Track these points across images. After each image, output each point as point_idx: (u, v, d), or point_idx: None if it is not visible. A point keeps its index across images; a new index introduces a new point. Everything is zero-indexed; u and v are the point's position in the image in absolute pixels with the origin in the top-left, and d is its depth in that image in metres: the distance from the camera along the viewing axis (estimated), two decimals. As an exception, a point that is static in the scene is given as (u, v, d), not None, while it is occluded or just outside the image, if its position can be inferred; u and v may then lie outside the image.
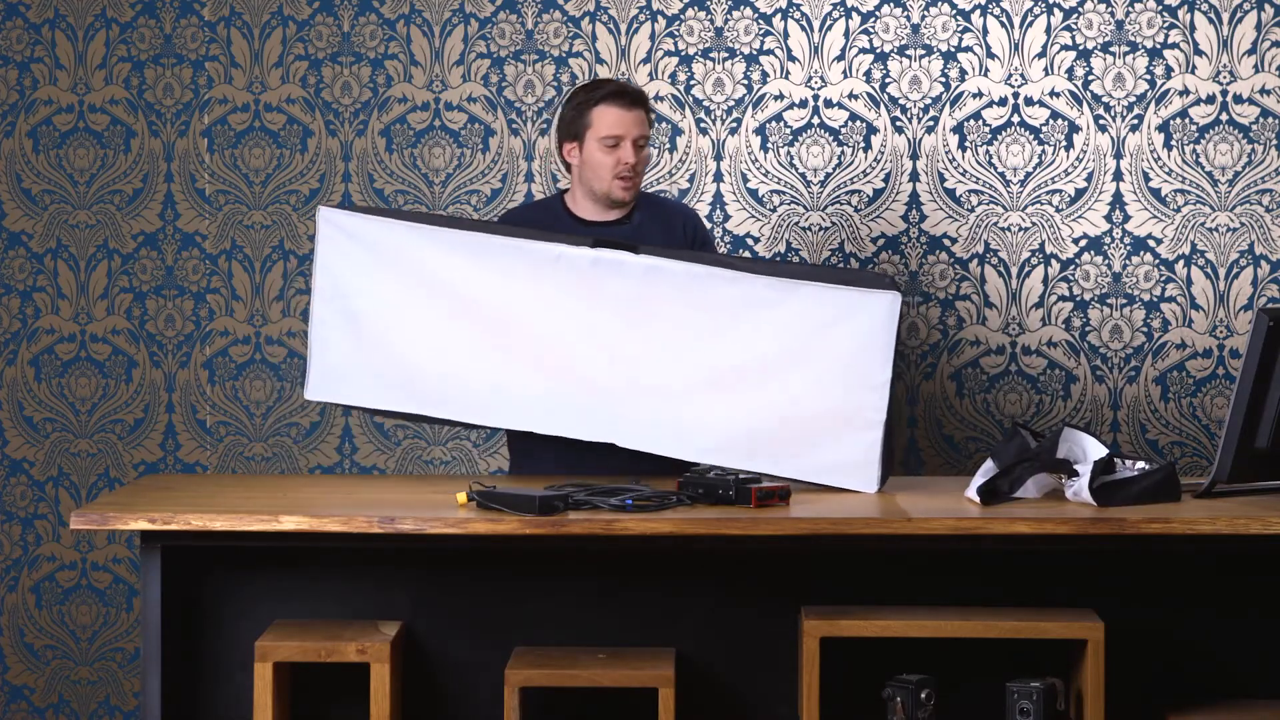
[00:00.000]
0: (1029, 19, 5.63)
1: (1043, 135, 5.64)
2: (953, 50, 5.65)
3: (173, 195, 5.75)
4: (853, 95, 5.66)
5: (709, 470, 4.34)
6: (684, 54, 5.68)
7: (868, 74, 5.65)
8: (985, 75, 5.65)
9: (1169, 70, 5.62)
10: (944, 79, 5.65)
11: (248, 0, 5.72)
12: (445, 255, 4.64)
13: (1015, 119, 5.65)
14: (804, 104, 5.68)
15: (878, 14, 5.65)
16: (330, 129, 5.73)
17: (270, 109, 5.73)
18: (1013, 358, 5.69)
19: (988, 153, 5.65)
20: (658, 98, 5.67)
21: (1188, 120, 5.62)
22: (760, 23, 5.67)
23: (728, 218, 5.68)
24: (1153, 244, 5.65)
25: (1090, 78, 5.63)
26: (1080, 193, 5.65)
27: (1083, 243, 5.65)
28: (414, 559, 4.42)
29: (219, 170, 5.74)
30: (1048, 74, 5.64)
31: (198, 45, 5.73)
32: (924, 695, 4.19)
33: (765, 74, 5.67)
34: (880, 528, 4.13)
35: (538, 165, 5.69)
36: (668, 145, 5.68)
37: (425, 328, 4.65)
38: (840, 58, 5.66)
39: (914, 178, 5.67)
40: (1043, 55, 5.64)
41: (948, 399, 5.70)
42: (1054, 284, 5.66)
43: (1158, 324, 5.65)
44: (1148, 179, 5.64)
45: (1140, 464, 4.34)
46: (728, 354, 4.55)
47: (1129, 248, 5.65)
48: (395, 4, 5.71)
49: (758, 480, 4.28)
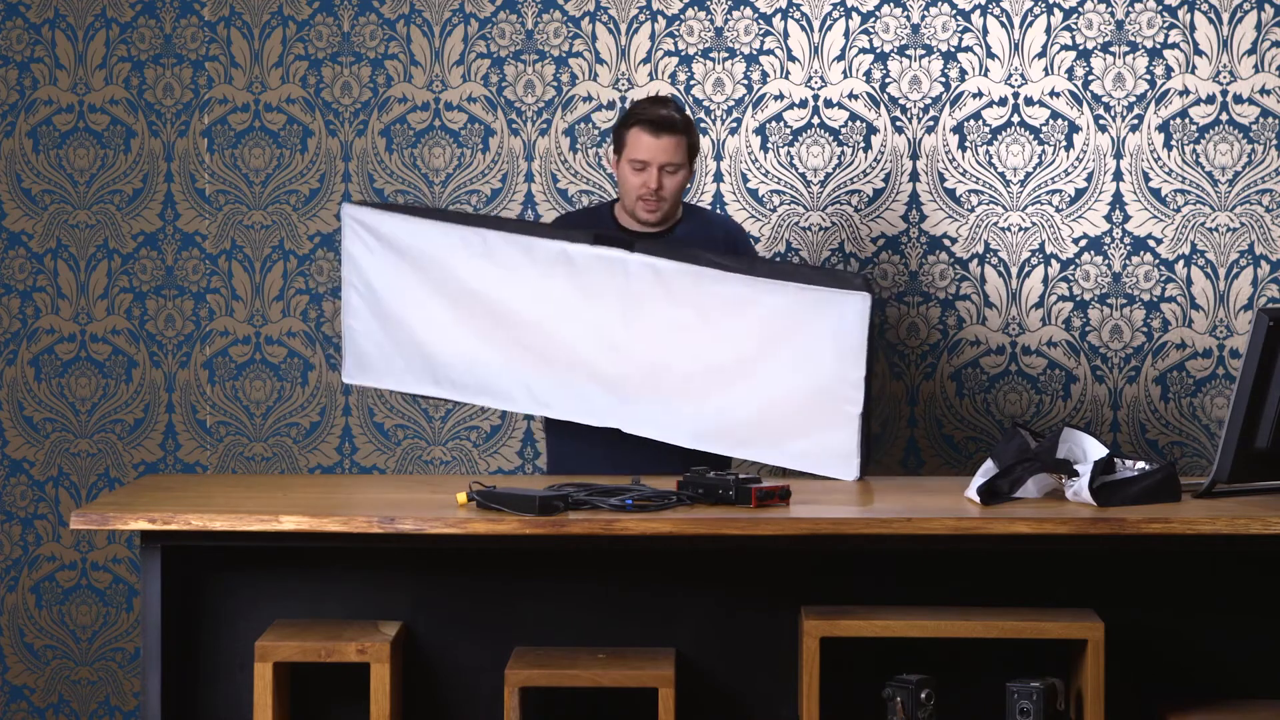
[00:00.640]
0: (1029, 19, 5.63)
1: (1043, 135, 5.64)
2: (953, 50, 5.65)
3: (173, 195, 5.75)
4: (853, 95, 5.67)
5: (709, 470, 4.34)
6: (684, 54, 5.68)
7: (868, 74, 5.65)
8: (985, 75, 5.65)
9: (1169, 70, 5.62)
10: (944, 79, 5.65)
11: (248, 0, 5.72)
12: (457, 251, 4.87)
13: (1015, 119, 5.65)
14: (804, 104, 5.68)
15: (878, 14, 5.65)
16: (330, 129, 5.73)
17: (270, 109, 5.73)
18: (1013, 358, 5.69)
19: (988, 153, 5.65)
20: (658, 98, 5.67)
21: (1188, 120, 5.63)
22: (760, 23, 5.67)
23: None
24: (1153, 244, 5.65)
25: (1090, 78, 5.63)
26: (1080, 193, 5.65)
27: (1083, 243, 5.65)
28: (414, 559, 4.42)
29: (219, 170, 5.74)
30: (1048, 74, 5.64)
31: (198, 45, 5.73)
32: (924, 695, 4.19)
33: (765, 74, 5.67)
34: (880, 528, 4.13)
35: (538, 165, 5.69)
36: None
37: (442, 318, 4.89)
38: (840, 58, 5.66)
39: (914, 178, 5.67)
40: (1043, 55, 5.64)
41: (948, 399, 5.70)
42: (1054, 284, 5.66)
43: (1158, 324, 5.65)
44: (1148, 179, 5.64)
45: (1140, 464, 4.34)
46: (715, 348, 4.75)
47: (1129, 248, 5.65)
48: (395, 4, 5.71)
49: (758, 480, 4.28)
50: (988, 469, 4.35)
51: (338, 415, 5.74)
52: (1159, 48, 5.62)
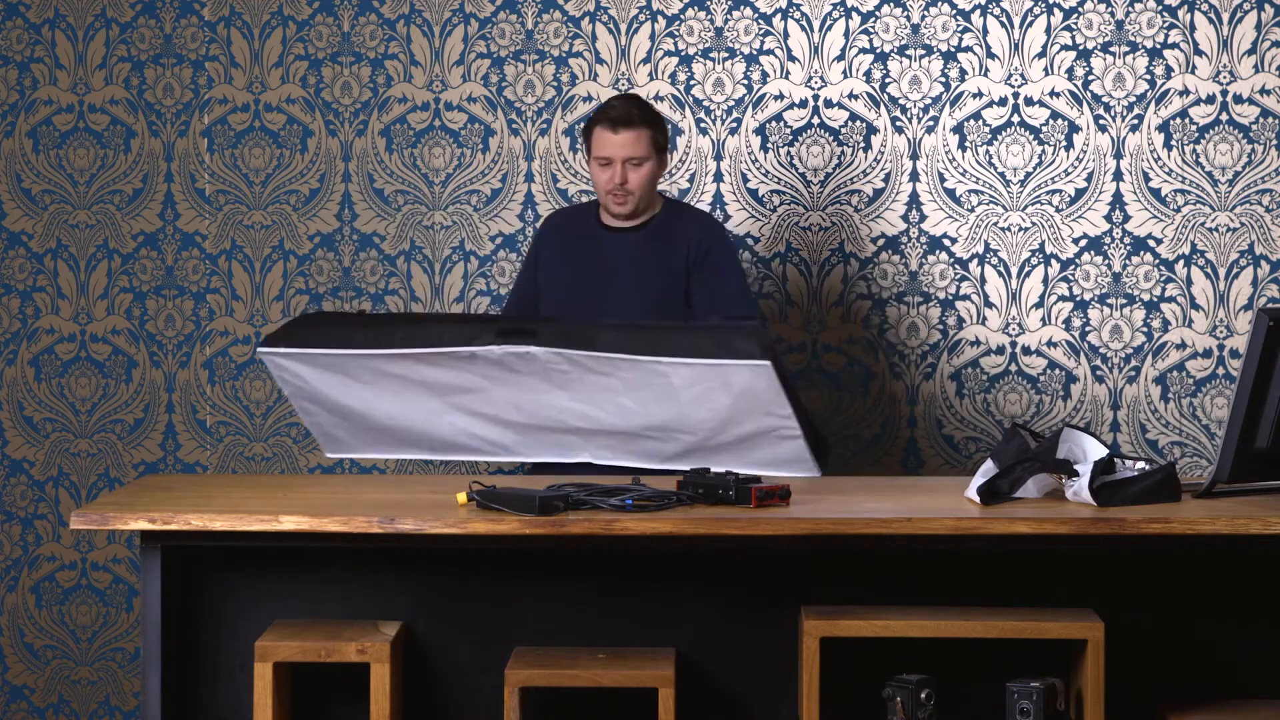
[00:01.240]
0: (1029, 19, 5.63)
1: (1043, 135, 5.64)
2: (953, 50, 5.65)
3: (173, 195, 5.75)
4: (853, 95, 5.67)
5: (709, 470, 4.35)
6: (684, 54, 5.68)
7: (868, 74, 5.65)
8: (985, 75, 5.65)
9: (1169, 70, 5.62)
10: (944, 79, 5.65)
11: (248, 0, 5.72)
12: (375, 374, 4.78)
13: (1015, 119, 5.65)
14: (804, 104, 5.68)
15: (878, 14, 5.65)
16: (330, 129, 5.73)
17: (270, 109, 5.73)
18: (1013, 358, 5.69)
19: (988, 153, 5.65)
20: (657, 98, 5.67)
21: (1188, 120, 5.63)
22: (760, 23, 5.67)
23: (728, 218, 5.68)
24: (1153, 244, 5.65)
25: (1090, 78, 5.63)
26: (1080, 193, 5.65)
27: (1083, 243, 5.66)
28: (414, 559, 4.42)
29: (219, 170, 5.74)
30: (1048, 74, 5.64)
31: (198, 45, 5.73)
32: (924, 695, 4.18)
33: (765, 74, 5.67)
34: (880, 528, 4.13)
35: (538, 165, 5.69)
36: (668, 145, 5.68)
37: (388, 408, 4.83)
38: (840, 58, 5.66)
39: (914, 178, 5.67)
40: (1043, 55, 5.64)
41: (948, 399, 5.70)
42: (1054, 284, 5.66)
43: (1158, 324, 5.65)
44: (1148, 179, 5.64)
45: (1140, 464, 4.34)
46: (645, 410, 4.73)
47: (1129, 248, 5.65)
48: (395, 4, 5.71)
49: (758, 480, 4.28)
50: (988, 469, 4.35)
51: (338, 415, 5.74)
52: (1159, 48, 5.62)
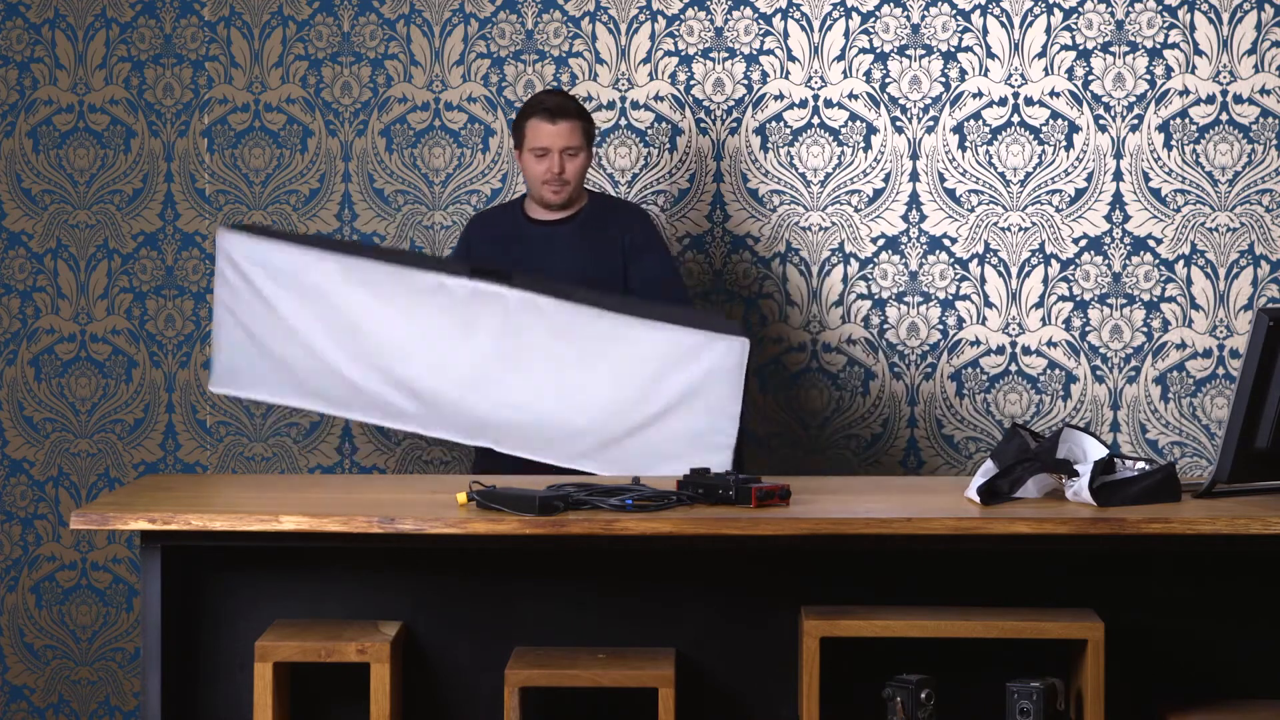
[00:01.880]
0: (1029, 19, 5.63)
1: (1043, 135, 5.64)
2: (953, 50, 5.65)
3: (173, 195, 5.75)
4: (853, 95, 5.67)
5: (709, 470, 4.35)
6: (684, 54, 5.68)
7: (868, 74, 5.65)
8: (985, 75, 5.65)
9: (1169, 70, 5.62)
10: (944, 79, 5.65)
11: (248, 0, 5.72)
12: (333, 276, 4.96)
13: (1015, 119, 5.65)
14: (804, 104, 5.68)
15: (878, 14, 5.65)
16: (330, 129, 5.73)
17: (270, 109, 5.73)
18: (1013, 358, 5.69)
19: (988, 153, 5.65)
20: (658, 98, 5.67)
21: (1188, 120, 5.63)
22: (760, 23, 5.67)
23: (728, 218, 5.68)
24: (1153, 244, 5.65)
25: (1090, 78, 5.63)
26: (1080, 193, 5.65)
27: (1083, 243, 5.66)
28: (414, 559, 4.42)
29: (219, 170, 5.74)
30: (1048, 74, 5.64)
31: (198, 45, 5.73)
32: (924, 695, 4.18)
33: (765, 74, 5.67)
34: (880, 528, 4.13)
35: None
36: (668, 145, 5.68)
37: (313, 341, 4.97)
38: (840, 58, 5.66)
39: (914, 178, 5.67)
40: (1043, 55, 5.64)
41: (948, 399, 5.70)
42: (1054, 284, 5.66)
43: (1158, 324, 5.65)
44: (1148, 179, 5.64)
45: (1140, 464, 4.33)
46: (593, 382, 4.89)
47: (1129, 248, 5.65)
48: (395, 4, 5.71)
49: (758, 480, 4.28)
50: (988, 469, 4.35)
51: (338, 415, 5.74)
52: (1159, 48, 5.62)
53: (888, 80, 5.65)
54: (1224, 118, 5.62)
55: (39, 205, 5.77)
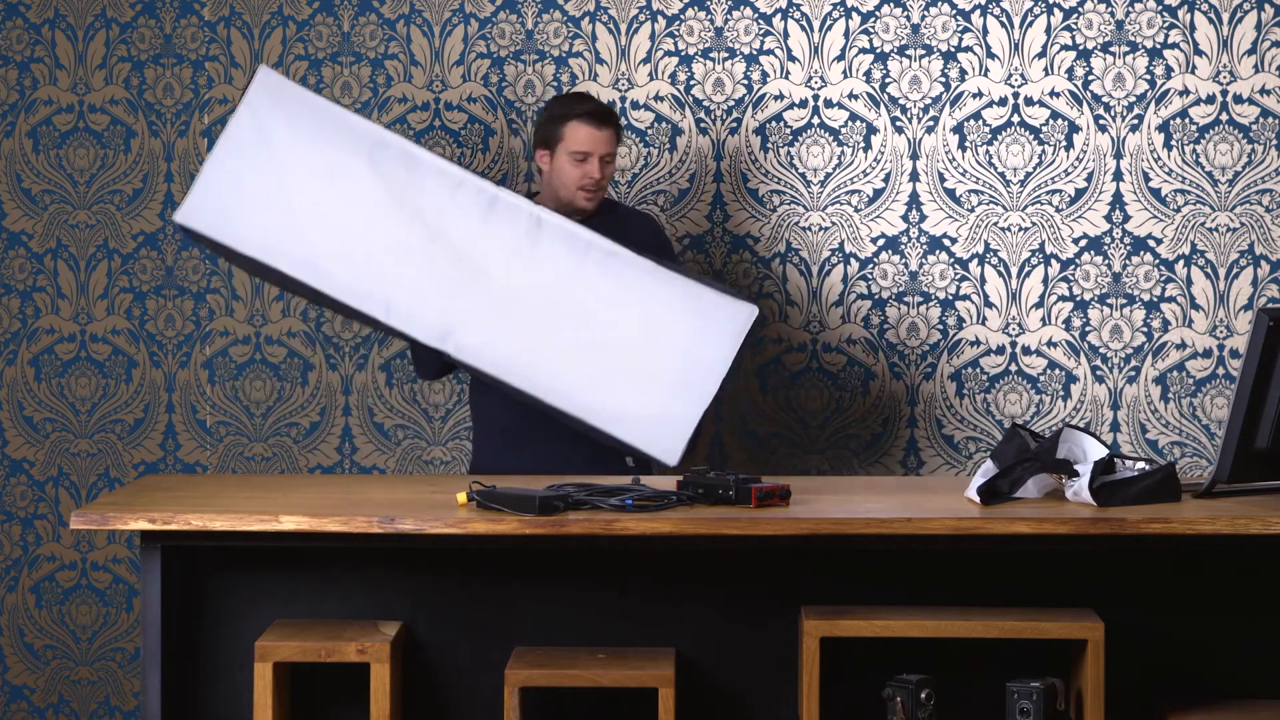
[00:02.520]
0: (1029, 19, 5.63)
1: (1043, 135, 5.64)
2: (953, 50, 5.65)
3: (173, 195, 5.75)
4: (853, 95, 5.67)
5: (709, 470, 4.35)
6: (684, 54, 5.68)
7: (868, 74, 5.65)
8: (985, 75, 5.65)
9: (1169, 70, 5.62)
10: (944, 79, 5.65)
11: (248, 0, 5.72)
12: (361, 148, 4.92)
13: (1015, 119, 5.65)
14: (804, 104, 5.68)
15: (878, 14, 5.65)
16: (330, 129, 5.72)
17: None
18: (1013, 358, 5.69)
19: (988, 153, 5.65)
20: (658, 98, 5.67)
21: (1188, 120, 5.63)
22: (760, 23, 5.67)
23: (728, 218, 5.68)
24: (1153, 244, 5.65)
25: (1090, 78, 5.63)
26: (1080, 193, 5.65)
27: (1083, 243, 5.66)
28: (414, 559, 4.42)
29: (219, 170, 5.74)
30: (1048, 74, 5.64)
31: (198, 45, 5.73)
32: (924, 695, 4.19)
33: (765, 74, 5.67)
34: (880, 528, 4.13)
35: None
36: (668, 145, 5.68)
37: (318, 201, 4.91)
38: (840, 58, 5.66)
39: (914, 178, 5.67)
40: (1043, 55, 5.64)
41: (948, 399, 5.70)
42: (1054, 284, 5.66)
43: (1158, 324, 5.65)
44: (1148, 179, 5.64)
45: (1140, 464, 4.34)
46: (588, 306, 4.88)
47: (1129, 248, 5.65)
48: (395, 4, 5.71)
49: (758, 480, 4.28)
50: (988, 469, 4.35)
51: (338, 415, 5.74)
52: (1159, 48, 5.62)
53: (888, 80, 5.65)
54: (1224, 118, 5.62)
55: (39, 205, 5.77)
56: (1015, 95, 5.65)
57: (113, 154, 5.75)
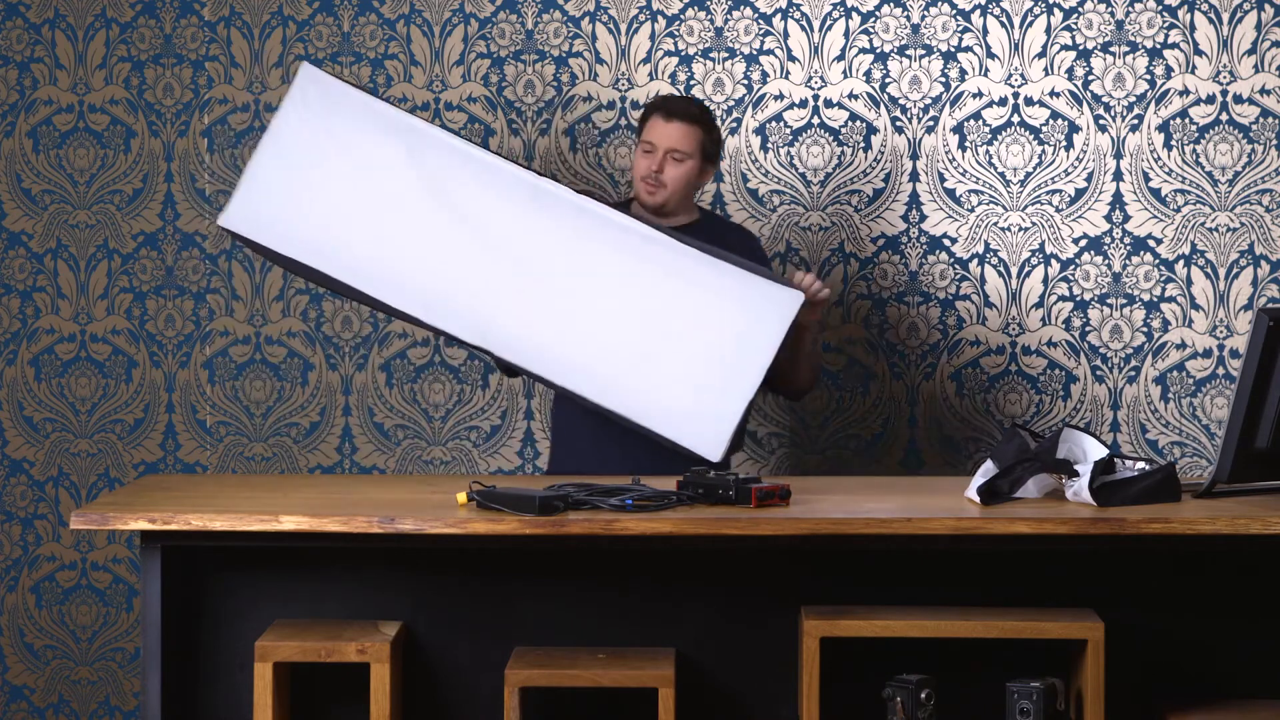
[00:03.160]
0: (1029, 19, 5.63)
1: (1043, 135, 5.64)
2: (953, 50, 5.65)
3: (173, 195, 5.75)
4: (853, 95, 5.67)
5: (709, 470, 4.35)
6: (684, 54, 5.68)
7: (868, 74, 5.65)
8: (985, 75, 5.65)
9: (1169, 70, 5.62)
10: (944, 79, 5.65)
11: (248, 0, 5.72)
12: (403, 144, 4.89)
13: (1015, 119, 5.65)
14: (804, 104, 5.68)
15: (878, 14, 5.65)
16: (330, 129, 5.72)
17: (271, 109, 5.72)
18: (1013, 358, 5.69)
19: (988, 153, 5.65)
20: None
21: (1188, 120, 5.63)
22: (760, 23, 5.67)
23: (728, 217, 5.68)
24: (1153, 244, 5.65)
25: (1090, 78, 5.63)
26: (1080, 193, 5.65)
27: (1083, 243, 5.66)
28: (414, 559, 4.42)
29: (219, 170, 5.74)
30: (1048, 74, 5.64)
31: (198, 45, 5.73)
32: (924, 695, 4.19)
33: (765, 74, 5.67)
34: (880, 528, 4.13)
35: (538, 164, 5.69)
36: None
37: (360, 200, 4.89)
38: (840, 58, 5.66)
39: (914, 178, 5.67)
40: (1043, 55, 5.64)
41: (948, 399, 5.70)
42: (1054, 284, 5.66)
43: (1158, 324, 5.65)
44: (1148, 179, 5.64)
45: (1140, 464, 4.34)
46: (631, 299, 4.83)
47: (1129, 248, 5.65)
48: (395, 4, 5.71)
49: (758, 480, 4.29)
50: (988, 469, 4.35)
51: (338, 415, 5.74)
52: (1159, 48, 5.62)
53: (888, 80, 5.65)
54: (1224, 118, 5.62)
55: (39, 205, 5.77)
56: (1015, 95, 5.65)
57: (113, 154, 5.75)
